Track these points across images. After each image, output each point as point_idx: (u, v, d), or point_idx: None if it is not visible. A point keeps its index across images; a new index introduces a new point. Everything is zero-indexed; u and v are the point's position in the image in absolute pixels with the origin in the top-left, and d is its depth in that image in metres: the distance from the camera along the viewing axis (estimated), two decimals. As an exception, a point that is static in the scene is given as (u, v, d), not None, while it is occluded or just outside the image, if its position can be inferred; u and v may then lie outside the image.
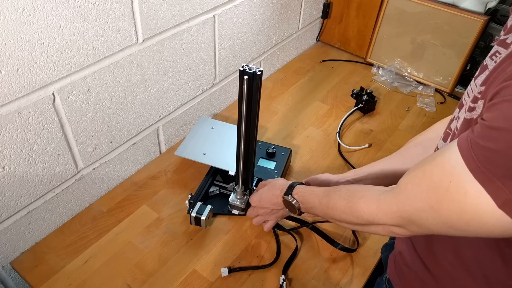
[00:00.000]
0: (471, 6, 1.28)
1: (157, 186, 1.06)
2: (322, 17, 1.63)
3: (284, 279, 0.85)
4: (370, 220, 0.60)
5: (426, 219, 0.51)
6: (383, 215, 0.58)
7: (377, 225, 0.60)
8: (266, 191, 0.87)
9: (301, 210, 0.79)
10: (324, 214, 0.73)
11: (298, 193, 0.79)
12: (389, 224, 0.58)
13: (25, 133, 0.78)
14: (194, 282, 0.86)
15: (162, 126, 1.12)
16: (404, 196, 0.54)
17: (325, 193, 0.73)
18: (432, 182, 0.49)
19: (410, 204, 0.53)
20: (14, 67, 0.70)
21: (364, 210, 0.61)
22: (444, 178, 0.47)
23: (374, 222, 0.60)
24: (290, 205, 0.80)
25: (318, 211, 0.74)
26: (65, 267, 0.87)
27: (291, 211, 0.82)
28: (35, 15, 0.69)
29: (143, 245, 0.92)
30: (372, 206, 0.60)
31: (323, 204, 0.72)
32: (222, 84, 1.27)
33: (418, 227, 0.54)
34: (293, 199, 0.78)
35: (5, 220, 0.84)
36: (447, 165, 0.47)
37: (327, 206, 0.71)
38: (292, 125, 1.28)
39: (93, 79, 0.85)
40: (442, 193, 0.48)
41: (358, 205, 0.63)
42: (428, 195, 0.50)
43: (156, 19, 0.92)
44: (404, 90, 1.43)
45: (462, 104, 0.63)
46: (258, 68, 0.75)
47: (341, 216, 0.67)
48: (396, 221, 0.56)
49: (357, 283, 0.87)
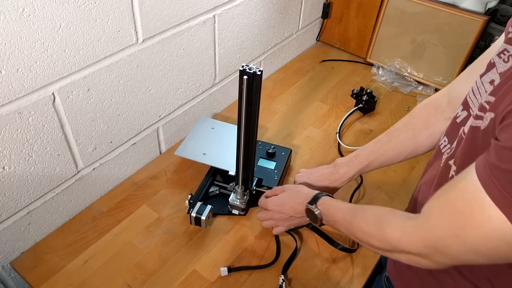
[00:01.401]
0: (471, 6, 1.28)
1: (157, 186, 1.06)
2: (322, 17, 1.63)
3: (283, 279, 0.85)
4: (393, 245, 0.59)
5: (450, 247, 0.50)
6: (407, 243, 0.57)
7: (400, 252, 0.59)
8: (289, 197, 0.85)
9: (323, 221, 0.77)
10: (346, 231, 0.72)
11: (323, 204, 0.77)
12: (413, 252, 0.56)
13: (25, 133, 0.78)
14: (194, 282, 0.86)
15: (162, 126, 1.12)
16: (428, 224, 0.53)
17: (350, 210, 0.72)
18: (455, 209, 0.49)
19: (434, 232, 0.52)
20: (14, 67, 0.70)
21: (388, 235, 0.60)
22: (466, 204, 0.47)
23: (397, 249, 0.58)
24: (312, 215, 0.78)
25: (341, 226, 0.73)
26: (65, 267, 0.87)
27: (312, 221, 0.80)
28: (35, 15, 0.69)
29: (143, 245, 0.92)
30: (396, 232, 0.59)
31: (346, 220, 0.71)
32: (222, 84, 1.27)
33: (443, 256, 0.52)
34: (317, 209, 0.77)
35: (5, 220, 0.84)
36: (469, 191, 0.47)
37: (350, 224, 0.70)
38: (292, 125, 1.28)
39: (93, 79, 0.85)
40: (466, 220, 0.47)
41: (382, 229, 0.61)
42: (452, 222, 0.49)
43: (156, 19, 0.92)
44: (404, 90, 1.43)
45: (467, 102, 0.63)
46: (258, 68, 0.75)
47: (364, 237, 0.66)
48: (420, 250, 0.55)
49: (357, 283, 0.87)
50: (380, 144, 0.88)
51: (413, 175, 1.12)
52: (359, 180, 1.09)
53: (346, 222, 0.71)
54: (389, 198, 1.06)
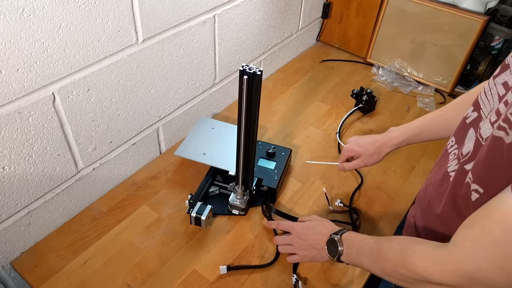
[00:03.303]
0: (471, 6, 1.29)
1: (157, 186, 1.06)
2: (322, 17, 1.63)
3: (296, 279, 0.85)
4: (425, 276, 0.56)
5: (492, 279, 0.49)
6: (440, 273, 0.54)
7: (433, 284, 0.56)
8: (315, 226, 0.84)
9: (341, 255, 0.74)
10: (372, 264, 0.68)
11: (348, 236, 0.75)
12: (446, 284, 0.54)
13: (25, 133, 0.78)
14: (194, 282, 0.86)
15: (162, 126, 1.12)
16: (463, 254, 0.51)
17: (377, 241, 0.69)
18: (495, 239, 0.47)
19: (471, 263, 0.50)
20: (14, 67, 0.70)
21: (418, 264, 0.57)
22: (508, 233, 0.46)
23: (429, 279, 0.56)
24: (333, 246, 0.76)
25: (366, 258, 0.69)
26: (65, 267, 0.87)
27: (330, 254, 0.77)
28: (35, 15, 0.69)
29: (143, 245, 0.92)
30: (427, 262, 0.56)
31: (373, 251, 0.68)
32: (222, 84, 1.27)
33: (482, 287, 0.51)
34: (339, 240, 0.74)
35: (5, 220, 0.84)
36: (509, 219, 0.46)
37: (377, 254, 0.67)
38: (292, 125, 1.28)
39: (93, 79, 0.85)
40: (510, 250, 0.46)
41: (411, 258, 0.59)
42: (493, 253, 0.48)
43: (156, 19, 0.92)
44: (404, 90, 1.43)
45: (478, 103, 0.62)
46: (258, 68, 0.75)
47: (392, 268, 0.63)
48: (454, 281, 0.53)
49: (357, 283, 0.87)
50: (433, 116, 0.89)
51: (413, 175, 1.12)
52: (360, 180, 1.10)
53: (373, 254, 0.68)
54: (389, 198, 1.06)
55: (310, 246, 0.82)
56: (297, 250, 0.85)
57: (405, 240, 0.64)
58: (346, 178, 1.11)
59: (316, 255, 0.82)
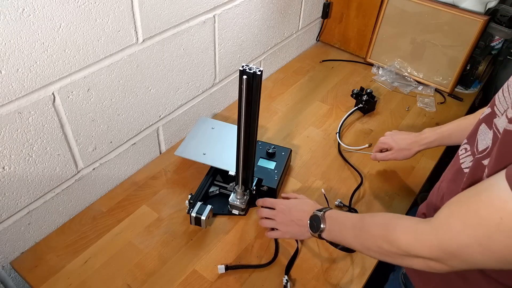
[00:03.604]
0: (471, 6, 1.28)
1: (157, 186, 1.06)
2: (322, 17, 1.63)
3: (287, 280, 0.85)
4: (406, 250, 0.58)
5: (472, 255, 0.50)
6: (421, 247, 0.56)
7: (413, 257, 0.58)
8: (299, 203, 0.86)
9: (323, 232, 0.76)
10: (354, 238, 0.70)
11: (332, 213, 0.76)
12: (427, 257, 0.56)
13: (25, 133, 0.78)
14: (194, 282, 0.86)
15: (162, 126, 1.12)
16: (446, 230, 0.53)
17: (359, 217, 0.71)
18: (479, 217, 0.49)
19: (453, 239, 0.52)
20: (14, 67, 0.70)
21: (401, 238, 0.59)
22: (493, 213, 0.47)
23: (411, 253, 0.58)
24: (315, 222, 0.77)
25: (348, 234, 0.71)
26: (65, 267, 0.87)
27: (312, 229, 0.78)
28: (35, 15, 0.69)
29: (143, 245, 0.92)
30: (409, 236, 0.58)
31: (356, 227, 0.70)
32: (222, 84, 1.27)
33: (461, 262, 0.52)
34: (323, 217, 0.76)
35: (5, 220, 0.84)
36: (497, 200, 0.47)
37: (360, 230, 0.69)
38: (292, 125, 1.28)
39: (93, 79, 0.85)
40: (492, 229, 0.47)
41: (394, 232, 0.60)
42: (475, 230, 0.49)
43: (156, 19, 0.92)
44: (404, 90, 1.43)
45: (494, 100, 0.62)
46: (258, 68, 0.75)
47: (374, 242, 0.64)
48: (435, 255, 0.54)
49: (357, 283, 0.87)
50: (465, 119, 0.91)
51: (413, 175, 1.12)
52: (360, 180, 1.10)
53: (356, 229, 0.70)
54: (389, 198, 1.06)
55: (293, 222, 0.84)
56: (279, 225, 0.87)
57: (388, 215, 0.66)
58: (346, 178, 1.11)
59: (297, 232, 0.83)
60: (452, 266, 0.54)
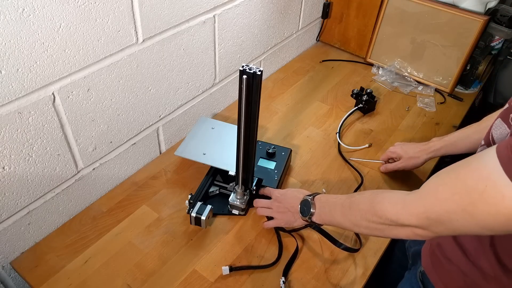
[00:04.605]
0: (471, 6, 1.28)
1: (157, 186, 1.06)
2: (322, 17, 1.63)
3: (284, 281, 0.85)
4: (394, 220, 0.61)
5: (456, 221, 0.52)
6: (408, 215, 0.59)
7: (401, 226, 0.60)
8: (292, 192, 0.91)
9: (313, 216, 0.80)
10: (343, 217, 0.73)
11: (322, 197, 0.81)
12: (413, 225, 0.58)
13: (25, 133, 0.78)
14: (194, 282, 0.86)
15: (162, 126, 1.12)
16: (434, 197, 0.55)
17: (348, 196, 0.75)
18: (466, 185, 0.51)
19: (440, 206, 0.54)
20: (14, 67, 0.70)
21: (389, 209, 0.62)
22: (479, 182, 0.49)
23: (398, 222, 0.60)
24: (305, 207, 0.81)
25: (338, 213, 0.74)
26: (65, 267, 0.87)
27: (303, 213, 0.82)
28: (35, 15, 0.69)
29: (143, 245, 0.92)
30: (397, 206, 0.61)
31: (345, 206, 0.73)
32: (222, 84, 1.27)
33: (445, 228, 0.55)
34: (312, 201, 0.80)
35: (5, 220, 0.84)
36: (484, 170, 0.49)
37: (349, 208, 0.72)
38: (292, 125, 1.28)
39: (93, 79, 0.85)
40: (477, 197, 0.49)
41: (382, 204, 0.63)
42: (461, 197, 0.51)
43: (156, 19, 0.92)
44: (404, 90, 1.43)
45: None
46: (258, 68, 0.75)
47: (363, 216, 0.67)
48: (422, 222, 0.57)
49: (357, 283, 0.87)
50: (470, 128, 0.94)
51: (414, 175, 1.12)
52: (360, 180, 1.10)
53: (345, 208, 0.73)
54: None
55: (286, 209, 0.89)
56: (274, 214, 0.92)
57: (376, 191, 0.70)
58: (346, 178, 1.11)
59: (290, 218, 0.88)
60: (436, 232, 0.57)
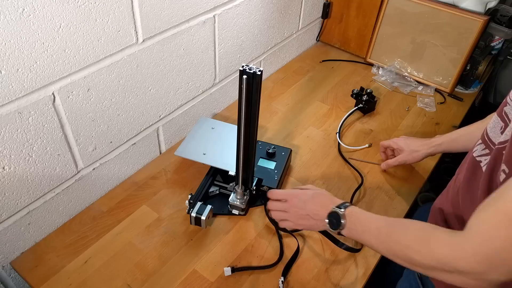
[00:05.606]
0: (471, 6, 1.28)
1: (157, 186, 1.06)
2: (322, 17, 1.63)
3: (282, 281, 0.85)
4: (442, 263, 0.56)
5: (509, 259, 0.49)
6: (457, 260, 0.54)
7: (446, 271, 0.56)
8: (314, 196, 0.81)
9: (343, 229, 0.73)
10: (379, 243, 0.67)
11: (352, 212, 0.73)
12: (463, 271, 0.53)
13: (25, 133, 0.78)
14: (194, 282, 0.86)
15: (162, 126, 1.12)
16: (480, 237, 0.52)
17: (387, 222, 0.68)
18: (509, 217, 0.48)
19: (488, 245, 0.51)
20: (14, 67, 0.70)
21: (436, 251, 0.56)
22: None
23: (446, 266, 0.55)
24: (335, 219, 0.74)
25: (373, 238, 0.68)
26: (65, 267, 0.87)
27: (331, 226, 0.75)
28: (35, 15, 0.69)
29: (143, 245, 0.92)
30: (444, 248, 0.56)
31: (383, 233, 0.67)
32: (222, 84, 1.27)
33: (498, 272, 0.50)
34: (343, 215, 0.73)
35: (5, 220, 0.84)
36: None
37: (388, 236, 0.66)
38: (292, 125, 1.28)
39: (93, 79, 0.85)
40: None
41: (428, 244, 0.58)
42: (508, 232, 0.48)
43: (156, 19, 0.92)
44: (404, 90, 1.43)
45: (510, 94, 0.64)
46: (258, 68, 0.75)
47: (403, 251, 0.62)
48: (471, 267, 0.52)
49: (357, 283, 0.87)
50: (472, 126, 0.94)
51: (414, 175, 1.12)
52: (360, 180, 1.10)
53: (382, 235, 0.67)
54: (389, 198, 1.06)
55: (307, 216, 0.80)
56: (292, 218, 0.83)
57: (420, 225, 0.63)
58: (347, 178, 1.11)
59: (313, 225, 0.81)
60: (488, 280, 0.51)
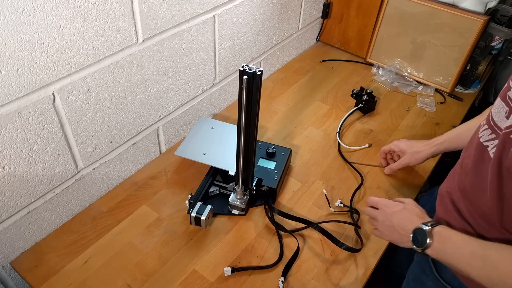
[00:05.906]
0: (471, 6, 1.28)
1: (157, 186, 1.06)
2: (322, 17, 1.63)
3: (282, 281, 0.85)
4: None
5: None
6: None
7: None
8: (404, 210, 0.79)
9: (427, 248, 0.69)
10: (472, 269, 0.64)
11: (443, 231, 0.69)
12: None
13: (25, 133, 0.78)
14: (194, 282, 0.86)
15: (162, 126, 1.12)
16: None
17: (482, 245, 0.65)
18: None
19: None
20: (14, 67, 0.70)
21: None
22: None
23: None
24: (419, 236, 0.71)
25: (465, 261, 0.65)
26: (65, 267, 0.87)
27: (415, 244, 0.72)
28: (35, 15, 0.69)
29: (143, 245, 0.92)
30: None
31: (477, 256, 0.63)
32: (222, 84, 1.27)
33: None
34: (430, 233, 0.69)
35: (5, 220, 0.84)
36: None
37: (483, 260, 0.62)
38: (292, 125, 1.28)
39: (93, 79, 0.85)
40: None
41: None
42: None
43: (156, 19, 0.92)
44: (404, 90, 1.43)
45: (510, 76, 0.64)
46: (258, 68, 0.75)
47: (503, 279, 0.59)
48: None
49: (357, 283, 0.87)
50: (473, 120, 0.94)
51: (414, 174, 1.12)
52: (360, 180, 1.10)
53: (476, 259, 0.63)
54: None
55: (393, 228, 0.78)
56: (379, 226, 0.83)
57: None
58: (347, 178, 1.11)
59: (397, 239, 0.78)
60: None
